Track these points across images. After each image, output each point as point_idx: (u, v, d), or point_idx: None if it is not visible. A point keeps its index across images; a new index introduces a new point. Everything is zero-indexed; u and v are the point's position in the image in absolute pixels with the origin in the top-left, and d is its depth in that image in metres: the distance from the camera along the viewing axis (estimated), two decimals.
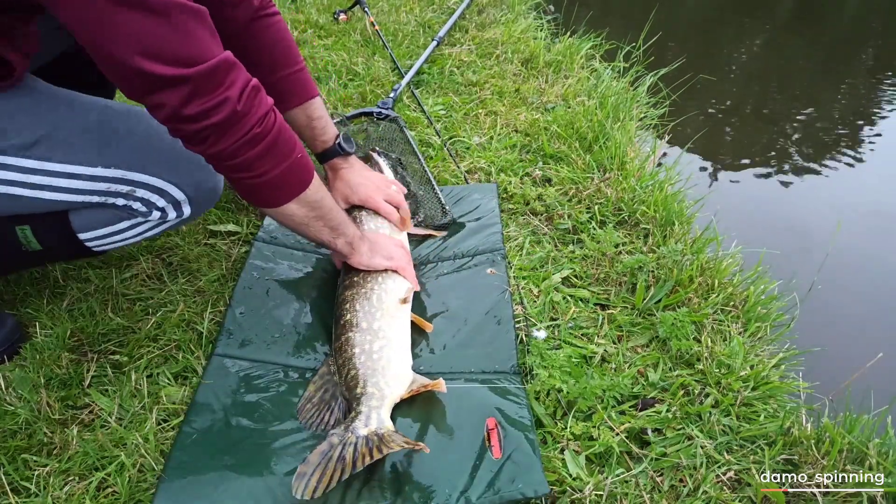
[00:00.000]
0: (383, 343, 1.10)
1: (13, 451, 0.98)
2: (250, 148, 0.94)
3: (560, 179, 1.70)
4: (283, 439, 1.00)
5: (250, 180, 0.99)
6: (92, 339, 1.17)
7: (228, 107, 0.88)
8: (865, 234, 2.24)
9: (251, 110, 0.92)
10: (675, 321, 1.22)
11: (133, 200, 1.05)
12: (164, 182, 1.04)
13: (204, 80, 0.85)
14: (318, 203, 1.09)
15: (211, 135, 0.90)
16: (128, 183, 1.02)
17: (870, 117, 3.27)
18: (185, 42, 0.83)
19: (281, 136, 0.98)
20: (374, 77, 2.24)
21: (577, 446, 1.02)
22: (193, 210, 1.10)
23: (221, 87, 0.87)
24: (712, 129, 3.00)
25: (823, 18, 5.13)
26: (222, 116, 0.88)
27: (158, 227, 1.13)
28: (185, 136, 0.91)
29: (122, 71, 0.82)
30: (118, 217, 1.08)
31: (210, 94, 0.86)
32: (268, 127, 0.95)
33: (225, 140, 0.91)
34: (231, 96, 0.88)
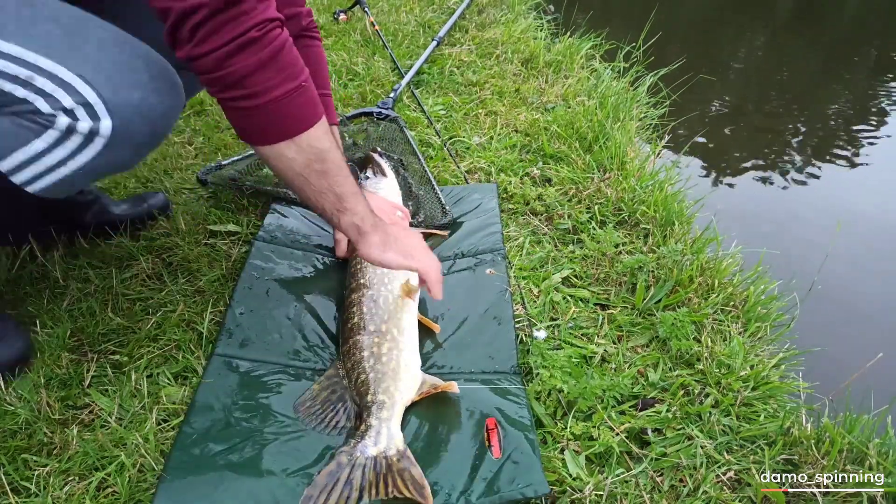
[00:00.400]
0: (392, 345, 1.10)
1: (13, 451, 0.98)
2: (243, 55, 0.81)
3: (560, 179, 1.70)
4: (284, 439, 1.00)
5: (237, 102, 0.85)
6: (92, 339, 1.17)
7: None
8: (865, 235, 2.24)
9: (252, 7, 0.80)
10: (675, 321, 1.22)
11: (33, 92, 0.86)
12: (70, 73, 0.85)
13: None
14: (321, 153, 0.93)
15: (200, 22, 0.78)
16: (25, 65, 0.84)
17: (870, 117, 3.27)
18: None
19: (284, 52, 0.85)
20: (374, 77, 2.24)
21: (577, 446, 1.02)
22: (115, 124, 0.89)
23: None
24: (712, 129, 3.00)
25: (823, 18, 5.13)
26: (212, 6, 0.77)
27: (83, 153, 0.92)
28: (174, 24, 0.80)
29: None
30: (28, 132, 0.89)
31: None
32: (270, 37, 0.83)
33: (215, 36, 0.79)
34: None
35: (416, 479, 0.90)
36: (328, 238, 1.47)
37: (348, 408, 1.04)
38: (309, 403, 1.04)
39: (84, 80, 0.86)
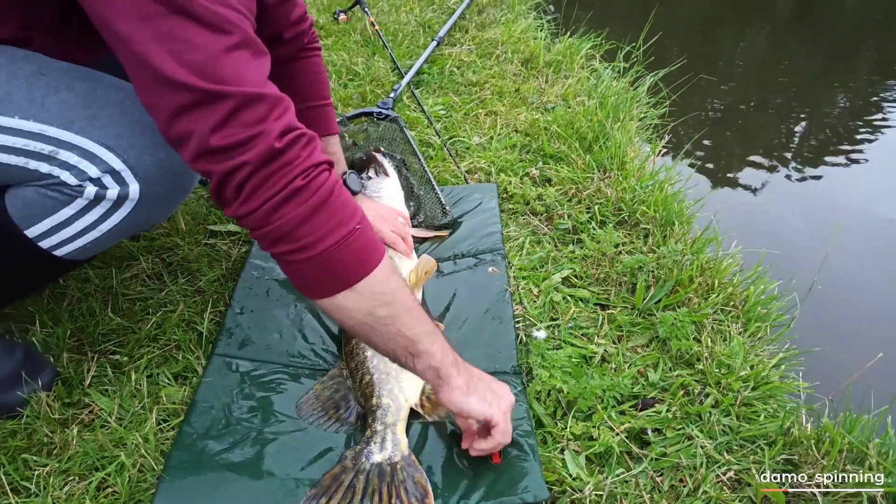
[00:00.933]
0: None
1: (13, 451, 0.98)
2: (289, 206, 0.75)
3: (560, 179, 1.70)
4: (284, 439, 1.00)
5: (290, 255, 0.79)
6: (92, 339, 1.17)
7: (264, 141, 0.73)
8: (865, 235, 2.24)
9: (295, 156, 0.75)
10: (675, 321, 1.22)
11: (59, 167, 0.85)
12: (93, 143, 0.84)
13: (242, 105, 0.72)
14: (386, 297, 0.82)
15: (244, 180, 0.74)
16: (47, 140, 0.83)
17: (870, 117, 3.27)
18: (235, 64, 0.73)
19: (333, 197, 0.78)
20: (374, 77, 2.24)
21: (577, 446, 1.02)
22: (143, 189, 0.89)
23: (261, 120, 0.73)
24: (712, 130, 3.00)
25: (823, 18, 5.13)
26: (256, 152, 0.73)
27: (112, 217, 0.92)
28: (218, 186, 0.76)
29: (153, 82, 0.71)
30: (55, 201, 0.89)
31: (245, 124, 0.72)
32: (317, 183, 0.77)
33: (260, 191, 0.74)
34: (270, 130, 0.73)
35: (420, 484, 0.90)
36: None
37: (352, 407, 1.04)
38: (312, 402, 1.05)
39: (107, 148, 0.85)
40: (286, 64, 1.25)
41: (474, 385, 0.89)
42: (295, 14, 1.22)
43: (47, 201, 0.89)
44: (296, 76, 1.27)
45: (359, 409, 1.04)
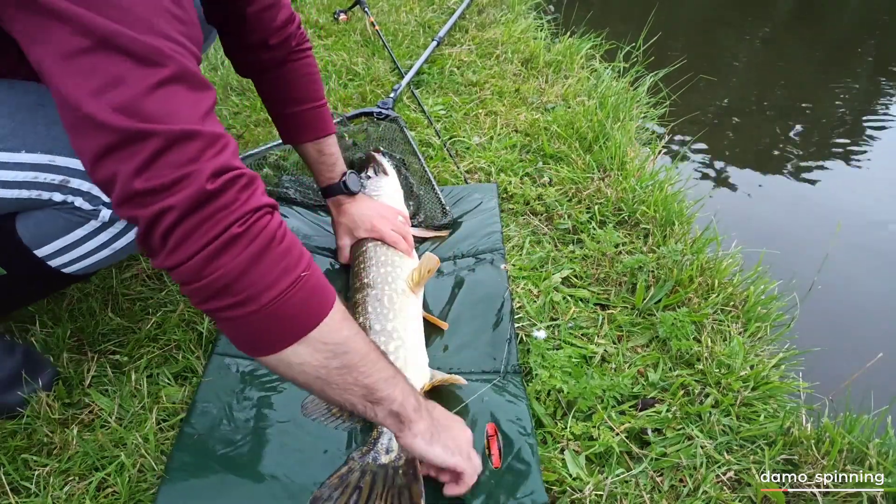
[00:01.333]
0: (398, 343, 1.10)
1: (13, 451, 0.98)
2: (226, 256, 0.66)
3: (560, 179, 1.70)
4: (285, 439, 1.00)
5: (227, 311, 0.69)
6: (92, 339, 1.17)
7: (194, 183, 0.64)
8: (865, 235, 2.24)
9: (231, 200, 0.66)
10: (675, 321, 1.22)
11: (71, 194, 0.85)
12: None
13: (169, 143, 0.64)
14: (340, 346, 0.75)
15: (171, 227, 0.65)
16: (58, 171, 0.83)
17: (870, 117, 3.28)
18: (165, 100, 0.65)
19: (276, 242, 0.69)
20: (374, 77, 2.24)
21: (577, 446, 1.02)
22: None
23: (191, 160, 0.65)
24: (712, 130, 3.00)
25: (823, 18, 5.13)
26: (185, 195, 0.64)
27: (125, 237, 0.93)
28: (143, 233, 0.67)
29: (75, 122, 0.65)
30: (68, 223, 0.89)
31: (173, 165, 0.64)
32: (256, 228, 0.68)
33: (189, 241, 0.65)
34: (200, 170, 0.64)
35: (414, 496, 0.86)
36: (328, 239, 1.47)
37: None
38: (317, 402, 1.04)
39: None
40: (276, 68, 1.23)
41: (437, 432, 0.85)
42: (280, 18, 1.18)
43: (60, 222, 0.89)
44: (288, 80, 1.25)
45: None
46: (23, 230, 0.90)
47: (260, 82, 1.27)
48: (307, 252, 0.75)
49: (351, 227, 1.35)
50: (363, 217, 1.34)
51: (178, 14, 0.70)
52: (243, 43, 1.19)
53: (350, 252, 1.35)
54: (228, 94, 2.11)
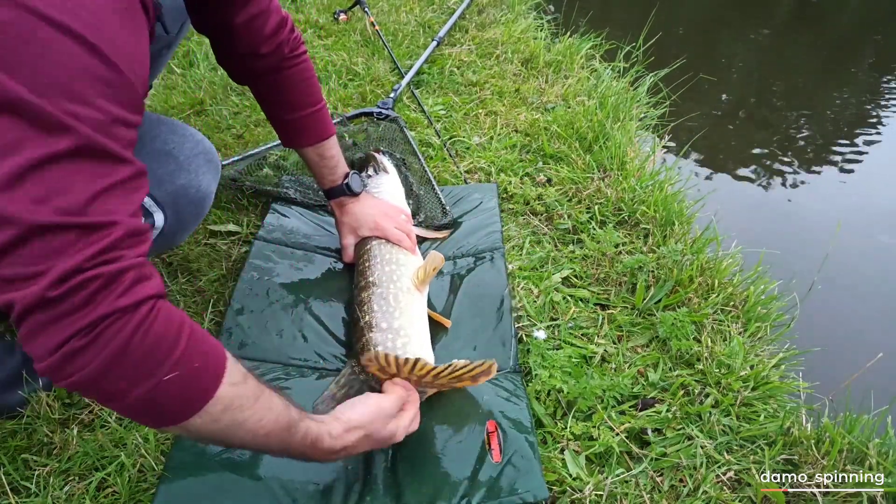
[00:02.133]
0: (405, 340, 1.11)
1: (13, 450, 0.98)
2: (77, 362, 0.60)
3: (560, 179, 1.70)
4: None
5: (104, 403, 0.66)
6: None
7: (33, 289, 0.58)
8: (865, 234, 2.24)
9: (75, 309, 0.59)
10: (675, 321, 1.22)
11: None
12: None
13: (27, 236, 0.57)
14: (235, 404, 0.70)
15: (19, 322, 0.60)
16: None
17: (871, 117, 3.28)
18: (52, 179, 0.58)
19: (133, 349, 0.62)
20: (374, 77, 2.24)
21: (577, 446, 1.02)
22: (169, 215, 0.89)
23: (45, 257, 0.58)
24: (712, 129, 3.00)
25: (824, 18, 5.13)
26: (26, 295, 0.58)
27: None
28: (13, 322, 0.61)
29: None
30: None
31: (29, 257, 0.58)
32: (104, 338, 0.60)
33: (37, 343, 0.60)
34: (47, 271, 0.58)
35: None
36: (328, 238, 1.47)
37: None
38: (329, 402, 1.04)
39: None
40: (270, 75, 1.19)
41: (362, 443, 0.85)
42: (269, 27, 1.12)
43: None
44: (283, 87, 1.21)
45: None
46: None
47: (255, 89, 1.23)
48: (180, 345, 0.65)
49: (354, 227, 1.35)
50: (366, 216, 1.34)
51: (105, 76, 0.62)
52: (233, 52, 1.15)
53: (354, 251, 1.35)
54: (228, 94, 2.11)
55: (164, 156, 0.87)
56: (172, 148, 0.86)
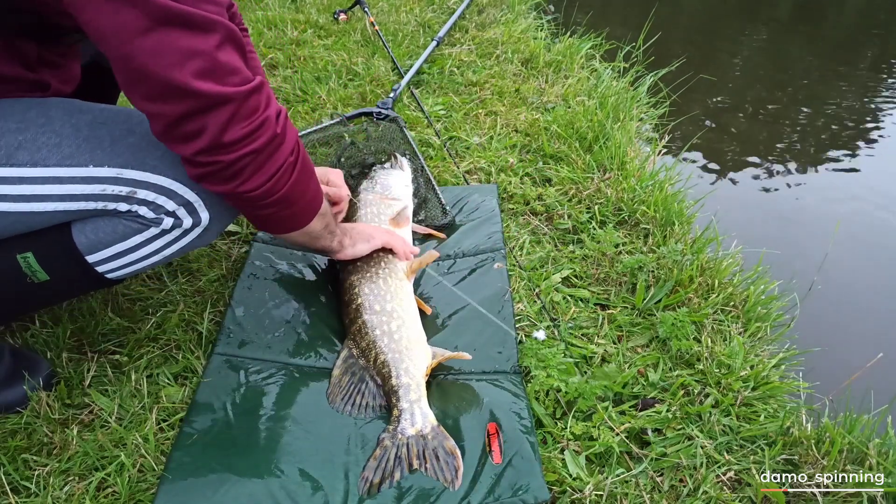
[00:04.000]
0: (399, 323, 1.14)
1: (13, 450, 0.98)
2: (287, 177, 0.91)
3: (560, 179, 1.70)
4: (284, 439, 1.00)
5: (281, 212, 0.95)
6: (92, 339, 1.17)
7: (269, 129, 0.84)
8: (865, 234, 2.24)
9: (287, 135, 0.88)
10: (675, 321, 1.22)
11: (137, 204, 0.91)
12: (170, 180, 0.91)
13: (246, 100, 0.81)
14: (326, 211, 1.08)
15: (248, 165, 0.85)
16: (126, 182, 0.89)
17: (870, 117, 3.28)
18: (223, 60, 0.79)
19: (307, 157, 0.96)
20: (374, 77, 2.24)
21: (578, 446, 1.02)
22: (212, 215, 0.97)
23: (260, 109, 0.83)
24: (712, 129, 3.00)
25: (824, 18, 5.13)
26: (263, 141, 0.84)
27: (178, 243, 0.98)
28: (218, 170, 0.84)
29: (154, 88, 0.76)
30: (127, 229, 0.94)
31: (250, 117, 0.82)
32: (298, 151, 0.92)
33: (263, 172, 0.87)
34: (270, 117, 0.85)
35: (450, 450, 0.97)
36: None
37: (370, 387, 1.08)
38: (337, 391, 1.08)
39: (182, 183, 0.91)
40: None
41: (356, 238, 1.23)
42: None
43: (119, 228, 0.94)
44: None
45: (376, 386, 1.08)
46: (79, 236, 0.93)
47: None
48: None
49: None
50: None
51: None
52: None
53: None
54: None
55: None
56: None
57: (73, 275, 0.97)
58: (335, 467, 0.96)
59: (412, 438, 0.99)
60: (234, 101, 0.79)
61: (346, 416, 1.05)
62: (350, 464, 0.97)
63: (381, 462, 0.96)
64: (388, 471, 0.95)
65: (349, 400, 1.06)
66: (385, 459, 0.96)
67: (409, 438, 0.99)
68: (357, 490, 0.93)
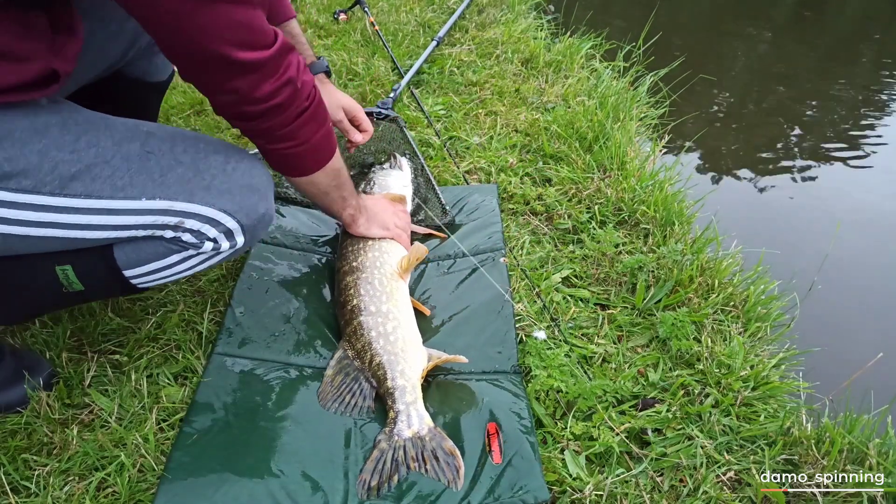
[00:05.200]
0: (395, 324, 1.14)
1: (13, 450, 0.98)
2: (299, 119, 0.98)
3: (560, 179, 1.70)
4: (284, 439, 1.00)
5: (290, 149, 1.02)
6: (92, 339, 1.17)
7: (291, 86, 0.93)
8: (865, 234, 2.24)
9: (304, 87, 0.97)
10: (675, 321, 1.22)
11: (182, 232, 0.96)
12: (216, 210, 0.96)
13: (274, 62, 0.90)
14: (338, 171, 1.15)
15: (270, 111, 0.94)
16: (175, 214, 0.94)
17: (870, 117, 3.27)
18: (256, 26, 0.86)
19: (321, 105, 1.03)
20: (374, 77, 2.24)
21: (578, 446, 1.02)
22: (247, 239, 1.02)
23: (284, 67, 0.92)
24: (712, 129, 3.00)
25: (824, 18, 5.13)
26: (286, 95, 0.93)
27: (210, 260, 1.03)
28: (246, 117, 0.94)
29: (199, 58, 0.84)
30: (167, 250, 0.99)
31: (277, 75, 0.91)
32: (313, 97, 1.00)
33: (281, 115, 0.95)
34: (293, 76, 0.93)
35: (449, 450, 0.97)
36: (327, 238, 1.47)
37: (364, 388, 1.08)
38: (329, 390, 1.08)
39: (227, 213, 0.97)
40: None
41: (373, 220, 1.31)
42: None
43: (160, 250, 0.98)
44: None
45: (371, 388, 1.08)
46: (120, 255, 0.97)
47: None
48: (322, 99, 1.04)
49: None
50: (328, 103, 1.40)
51: None
52: None
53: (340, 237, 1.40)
54: None
55: (251, 189, 1.00)
56: (257, 182, 1.00)
57: (108, 285, 1.01)
58: (335, 467, 0.96)
59: (409, 441, 0.98)
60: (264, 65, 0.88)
61: (345, 416, 1.05)
62: (350, 464, 0.97)
63: (377, 464, 0.96)
64: (385, 473, 0.95)
65: (339, 399, 1.06)
66: (382, 462, 0.96)
67: (406, 441, 0.98)
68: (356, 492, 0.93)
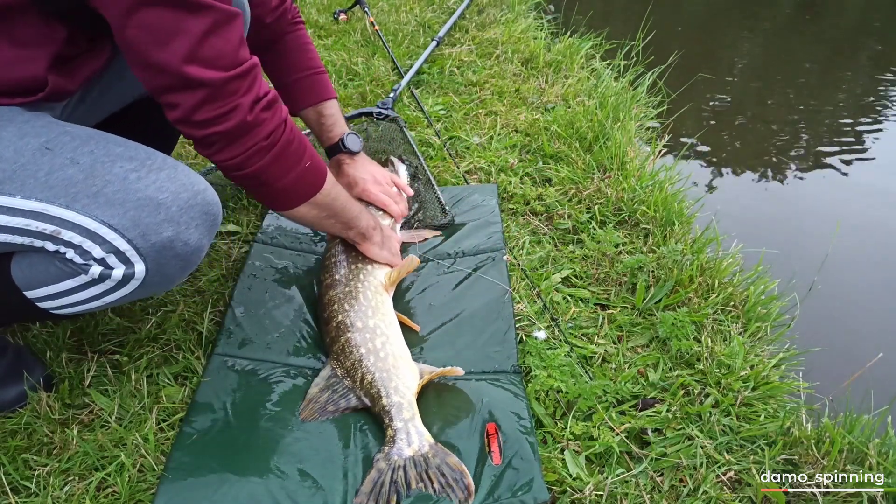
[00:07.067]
0: (384, 339, 1.11)
1: (13, 450, 0.98)
2: (258, 159, 0.94)
3: (560, 179, 1.70)
4: (284, 439, 1.00)
5: (258, 188, 1.01)
6: (92, 339, 1.17)
7: (238, 116, 0.88)
8: (865, 234, 2.24)
9: (263, 122, 0.92)
10: (675, 321, 1.22)
11: (63, 245, 0.83)
12: (96, 223, 0.81)
13: (220, 87, 0.85)
14: (329, 204, 1.12)
15: (217, 141, 0.90)
16: (49, 220, 0.81)
17: (871, 116, 3.27)
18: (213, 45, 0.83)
19: (290, 146, 0.98)
20: (374, 77, 2.24)
21: (577, 446, 1.02)
22: (150, 268, 0.86)
23: (235, 96, 0.87)
24: (712, 129, 3.00)
25: (824, 17, 5.13)
26: (230, 125, 0.88)
27: (115, 293, 0.90)
28: (194, 140, 0.91)
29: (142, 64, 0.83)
30: (59, 271, 0.87)
31: (222, 102, 0.86)
32: (276, 139, 0.95)
33: (232, 149, 0.92)
34: (242, 105, 0.88)
35: (455, 466, 0.94)
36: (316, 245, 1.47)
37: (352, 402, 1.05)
38: (312, 407, 1.05)
39: (111, 228, 0.81)
40: (274, 43, 1.31)
41: (386, 245, 1.29)
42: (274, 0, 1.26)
43: (52, 269, 0.87)
44: (285, 52, 1.32)
45: (362, 403, 1.04)
46: (16, 271, 0.89)
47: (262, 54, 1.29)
48: (306, 141, 1.04)
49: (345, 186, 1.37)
50: (358, 179, 1.40)
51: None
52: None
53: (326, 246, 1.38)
54: None
55: (153, 205, 0.83)
56: (166, 198, 0.83)
57: (17, 306, 0.93)
58: (335, 467, 0.96)
59: (409, 460, 0.94)
60: (206, 86, 0.84)
61: (345, 416, 1.04)
62: (349, 464, 0.97)
63: (375, 486, 0.92)
64: (383, 496, 0.90)
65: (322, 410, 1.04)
66: (380, 483, 0.92)
67: (407, 460, 0.94)
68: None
